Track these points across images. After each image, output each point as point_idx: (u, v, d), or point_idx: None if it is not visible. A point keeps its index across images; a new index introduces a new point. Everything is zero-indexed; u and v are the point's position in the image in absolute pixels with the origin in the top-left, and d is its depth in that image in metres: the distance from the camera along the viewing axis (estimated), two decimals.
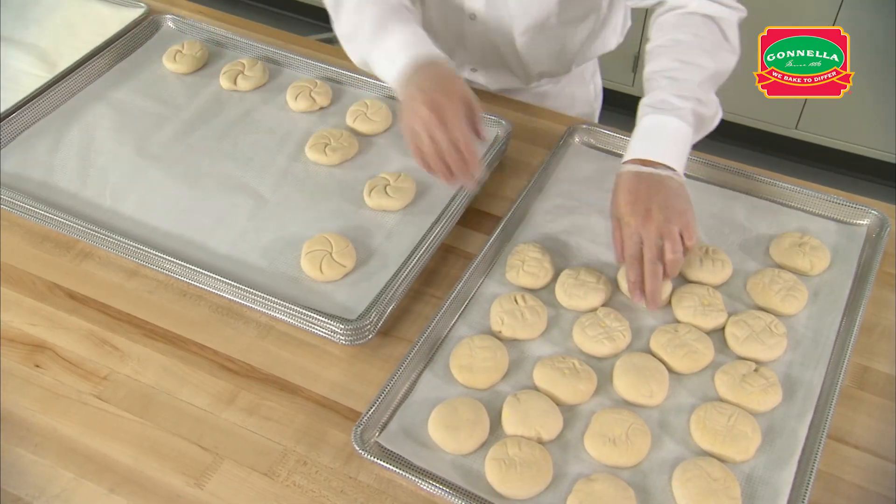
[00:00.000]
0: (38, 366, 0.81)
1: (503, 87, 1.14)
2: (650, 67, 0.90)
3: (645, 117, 0.87)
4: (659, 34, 0.93)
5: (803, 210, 0.94)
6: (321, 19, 1.31)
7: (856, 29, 1.91)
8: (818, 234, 0.91)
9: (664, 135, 0.85)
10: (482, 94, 1.12)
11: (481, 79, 1.14)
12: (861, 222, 0.92)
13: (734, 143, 2.33)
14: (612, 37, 1.14)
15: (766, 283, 0.85)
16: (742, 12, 0.94)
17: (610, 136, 1.03)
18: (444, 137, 0.80)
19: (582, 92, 1.23)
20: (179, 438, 0.75)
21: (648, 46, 0.93)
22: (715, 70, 0.89)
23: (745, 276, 0.87)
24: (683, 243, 0.81)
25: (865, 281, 0.86)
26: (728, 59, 0.91)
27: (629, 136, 1.01)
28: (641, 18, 2.15)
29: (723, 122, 0.87)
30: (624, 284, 0.85)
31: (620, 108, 2.44)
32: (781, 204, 0.95)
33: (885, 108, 2.02)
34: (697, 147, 1.01)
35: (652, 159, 0.83)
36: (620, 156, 1.01)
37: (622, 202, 0.83)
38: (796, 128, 2.19)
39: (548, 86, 1.18)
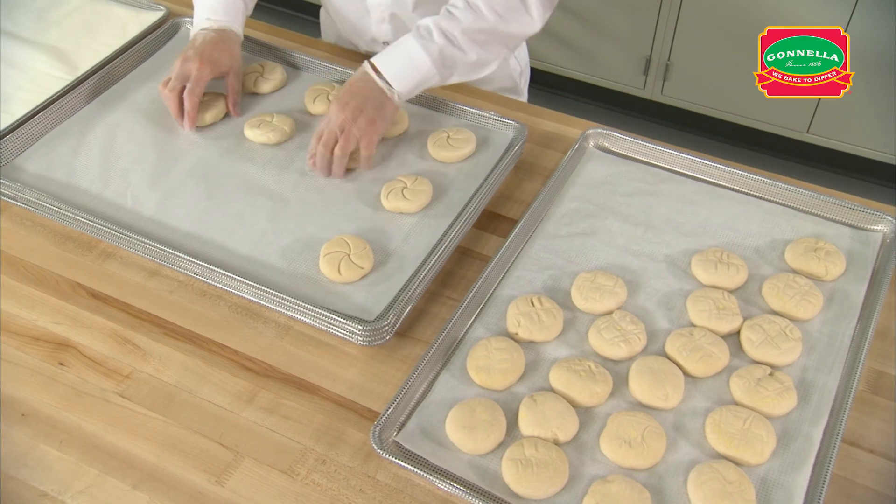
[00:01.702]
0: (62, 364, 0.82)
1: None
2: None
3: (407, 35, 0.97)
4: None
5: (818, 215, 0.95)
6: None
7: (868, 32, 1.91)
8: (833, 239, 0.91)
9: (404, 57, 0.96)
10: (496, 96, 1.14)
11: None
12: (876, 228, 0.93)
13: (745, 145, 2.34)
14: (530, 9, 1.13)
15: (781, 288, 0.85)
16: None
17: (624, 140, 1.03)
18: (177, 86, 1.01)
19: (500, 68, 1.21)
20: (200, 436, 0.77)
21: None
22: (494, 27, 0.98)
23: (760, 281, 0.88)
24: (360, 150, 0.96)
25: (880, 286, 0.86)
26: (524, 23, 1.00)
27: (643, 141, 1.03)
28: (644, 20, 2.16)
29: (734, 125, 0.88)
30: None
31: (631, 110, 2.46)
32: (796, 209, 0.96)
33: None
34: (713, 151, 1.02)
35: (381, 70, 0.96)
36: (635, 160, 1.03)
37: (342, 90, 0.97)
38: (808, 131, 2.19)
39: None
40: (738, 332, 0.83)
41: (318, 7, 1.32)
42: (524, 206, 0.97)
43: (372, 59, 0.97)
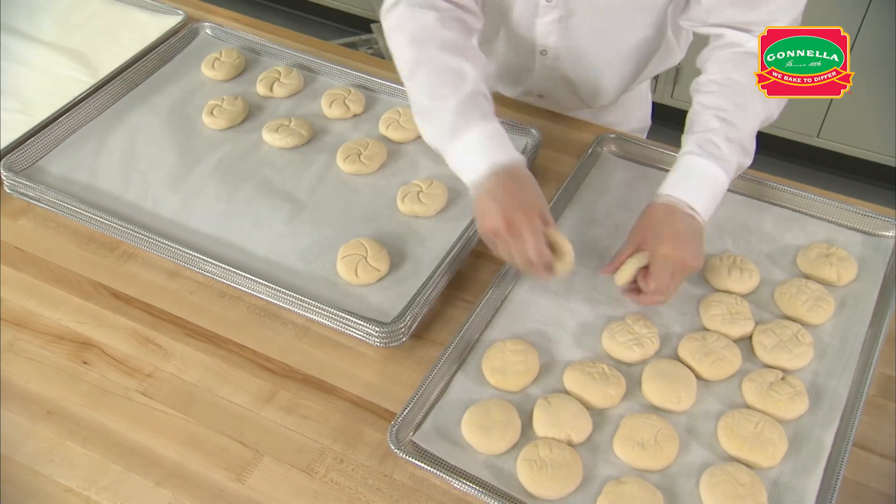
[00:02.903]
0: (85, 362, 0.84)
1: (566, 110, 1.15)
2: (702, 100, 0.90)
3: (691, 156, 0.86)
4: (714, 69, 0.92)
5: (830, 221, 0.96)
6: (345, 23, 1.34)
7: (880, 36, 1.91)
8: (845, 245, 0.92)
9: (704, 181, 0.85)
10: (510, 101, 1.15)
11: (546, 104, 1.14)
12: (887, 234, 0.94)
13: (756, 150, 2.34)
14: (678, 51, 1.12)
15: (793, 293, 0.86)
16: None
17: (637, 145, 1.05)
18: (520, 254, 0.81)
19: (639, 108, 1.24)
20: (221, 435, 0.78)
21: (702, 78, 0.93)
22: (765, 116, 0.90)
23: (772, 286, 0.89)
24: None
25: (891, 292, 0.87)
26: (780, 104, 0.91)
27: (656, 146, 1.03)
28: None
29: None
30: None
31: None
32: (809, 215, 0.97)
33: None
34: None
35: (687, 202, 0.84)
36: (648, 165, 1.04)
37: (663, 237, 0.82)
38: (818, 136, 2.19)
39: (608, 104, 1.17)
40: (750, 337, 0.84)
41: (331, 10, 1.33)
42: None
43: (671, 193, 0.85)
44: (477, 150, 0.84)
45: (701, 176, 0.85)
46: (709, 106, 0.89)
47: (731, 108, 0.87)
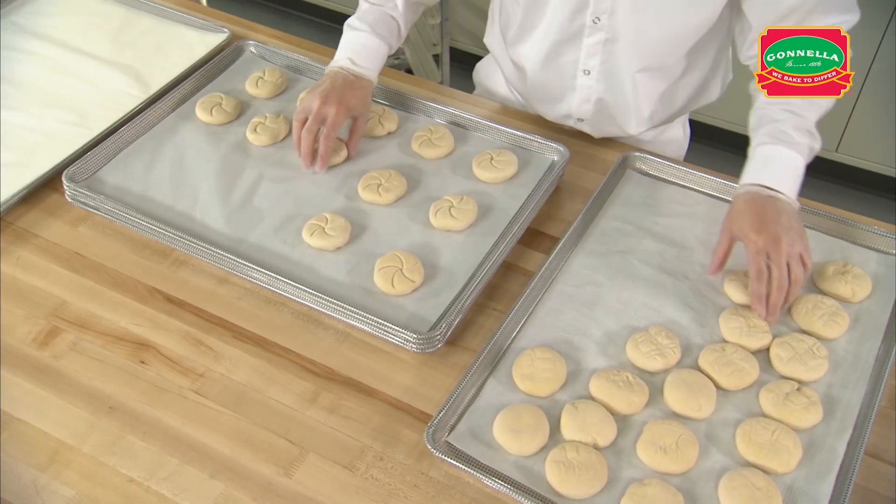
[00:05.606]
0: (143, 362, 0.90)
1: (606, 136, 1.17)
2: (767, 97, 0.95)
3: (763, 146, 0.94)
4: None
5: (846, 239, 1.00)
6: None
7: None
8: (860, 262, 0.96)
9: (782, 165, 0.92)
10: (540, 120, 1.20)
11: (587, 128, 1.17)
12: None
13: None
14: (716, 88, 1.16)
15: (809, 308, 0.90)
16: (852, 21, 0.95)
17: (661, 163, 1.09)
18: (314, 128, 1.05)
19: (676, 136, 1.26)
20: (269, 432, 0.84)
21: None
22: (828, 106, 0.95)
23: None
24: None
25: None
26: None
27: (678, 164, 1.08)
28: None
29: None
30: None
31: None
32: (825, 233, 1.01)
33: None
34: (741, 169, 1.06)
35: (771, 186, 0.90)
36: (671, 182, 1.08)
37: (748, 222, 0.89)
38: (836, 150, 2.22)
39: (646, 133, 1.18)
40: (767, 349, 0.88)
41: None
42: (566, 224, 1.03)
43: (757, 181, 0.91)
44: (346, 46, 1.11)
45: (777, 161, 0.92)
46: (773, 102, 0.95)
47: (797, 101, 0.93)
